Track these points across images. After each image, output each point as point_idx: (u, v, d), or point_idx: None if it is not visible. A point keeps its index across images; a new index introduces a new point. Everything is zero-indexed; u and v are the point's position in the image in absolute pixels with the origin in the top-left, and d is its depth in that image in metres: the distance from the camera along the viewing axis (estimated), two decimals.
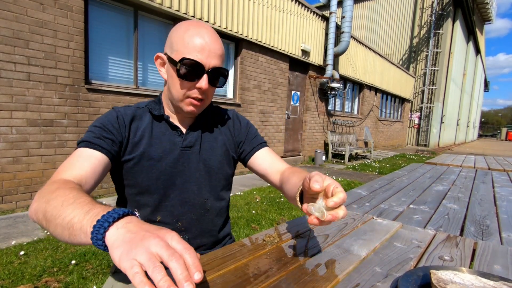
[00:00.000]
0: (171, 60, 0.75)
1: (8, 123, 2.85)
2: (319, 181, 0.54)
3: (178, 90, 0.77)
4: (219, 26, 4.75)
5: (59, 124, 3.18)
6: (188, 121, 0.87)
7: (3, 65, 2.78)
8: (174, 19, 4.25)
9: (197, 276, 0.39)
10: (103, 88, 3.49)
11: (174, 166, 0.82)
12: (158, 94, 4.08)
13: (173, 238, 0.42)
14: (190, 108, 0.79)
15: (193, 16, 4.31)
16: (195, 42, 0.73)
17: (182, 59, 0.72)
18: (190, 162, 0.85)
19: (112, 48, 3.69)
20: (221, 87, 0.82)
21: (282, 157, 6.59)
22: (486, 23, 25.29)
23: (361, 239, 0.79)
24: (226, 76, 0.80)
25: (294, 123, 7.02)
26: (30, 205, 0.58)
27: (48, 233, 2.47)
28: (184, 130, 0.86)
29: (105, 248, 0.42)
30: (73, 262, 1.99)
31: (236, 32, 5.05)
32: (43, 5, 2.97)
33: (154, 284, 0.36)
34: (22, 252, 2.09)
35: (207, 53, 0.74)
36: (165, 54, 0.79)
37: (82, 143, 0.72)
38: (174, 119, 0.86)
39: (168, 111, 0.86)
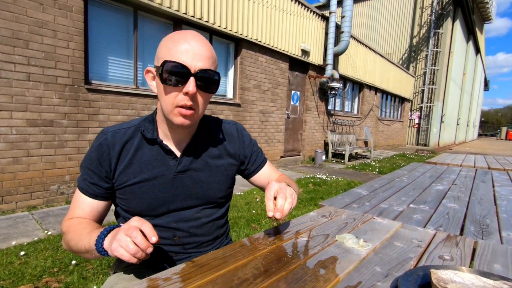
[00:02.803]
0: (156, 68, 0.72)
1: (8, 124, 2.85)
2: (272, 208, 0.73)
3: (165, 99, 0.72)
4: (219, 26, 4.75)
5: (59, 124, 3.18)
6: (184, 141, 0.82)
7: (2, 66, 2.78)
8: (174, 19, 4.25)
9: (154, 239, 0.58)
10: (103, 88, 3.49)
11: (167, 191, 0.80)
12: (157, 94, 4.08)
13: (133, 220, 0.61)
14: (180, 119, 0.72)
15: (192, 16, 4.30)
16: (179, 46, 0.69)
17: (164, 62, 0.68)
18: (185, 185, 0.82)
19: (111, 48, 3.69)
20: (213, 92, 0.76)
21: (282, 157, 6.59)
22: (486, 22, 25.28)
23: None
24: (217, 80, 0.74)
25: (294, 123, 7.02)
26: (62, 238, 0.79)
27: (48, 233, 2.47)
28: (178, 154, 0.81)
29: (107, 253, 0.63)
30: (74, 262, 2.00)
31: (236, 32, 5.05)
32: (42, 5, 2.97)
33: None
34: (22, 253, 2.09)
35: (192, 55, 0.69)
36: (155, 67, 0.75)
37: (79, 186, 0.80)
38: (169, 141, 0.81)
39: (162, 132, 0.80)
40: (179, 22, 4.32)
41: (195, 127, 0.83)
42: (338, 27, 7.53)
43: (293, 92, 6.81)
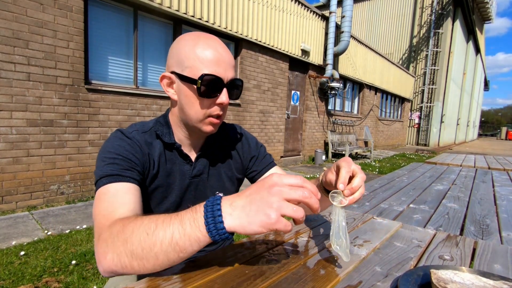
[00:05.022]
0: (185, 78, 0.69)
1: (8, 123, 2.85)
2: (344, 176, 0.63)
3: (197, 110, 0.71)
4: (219, 26, 4.75)
5: (59, 124, 3.18)
6: (198, 145, 0.83)
7: (3, 65, 2.78)
8: (174, 19, 4.25)
9: (319, 196, 0.49)
10: (103, 88, 3.49)
11: (182, 195, 0.82)
12: (157, 94, 4.10)
13: (280, 179, 0.47)
14: (210, 128, 0.74)
15: (192, 16, 4.30)
16: (210, 56, 0.68)
17: (203, 76, 0.67)
18: (197, 189, 0.84)
19: (112, 48, 3.69)
20: (237, 99, 0.78)
21: (282, 157, 6.59)
22: (486, 22, 25.28)
23: (361, 239, 0.79)
24: (241, 87, 0.77)
25: (294, 123, 7.02)
26: (99, 260, 0.52)
27: (48, 233, 2.47)
28: (193, 158, 0.82)
29: (229, 234, 0.46)
30: (74, 262, 2.00)
31: (236, 32, 5.05)
32: (42, 5, 2.97)
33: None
34: (22, 252, 2.09)
35: (224, 65, 0.69)
36: (173, 72, 0.71)
37: (109, 178, 0.63)
38: (184, 145, 0.81)
39: (178, 136, 0.80)
40: (179, 22, 4.32)
41: None
42: (338, 27, 7.53)
43: (293, 92, 6.81)
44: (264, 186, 0.46)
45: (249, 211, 0.45)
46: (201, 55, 0.68)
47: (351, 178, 0.65)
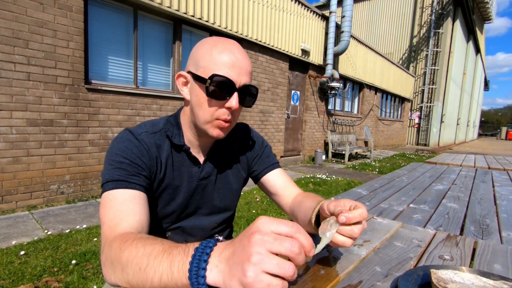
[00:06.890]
0: (198, 78, 0.69)
1: (8, 123, 2.85)
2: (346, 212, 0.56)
3: (205, 111, 0.70)
4: (219, 26, 4.75)
5: (59, 124, 3.18)
6: (206, 147, 0.82)
7: (2, 65, 2.78)
8: (174, 18, 4.25)
9: (312, 253, 0.41)
10: (103, 88, 3.49)
11: (190, 198, 0.82)
12: (157, 94, 4.10)
13: (267, 224, 0.39)
14: (217, 132, 0.72)
15: (192, 16, 4.30)
16: (225, 58, 0.67)
17: (213, 76, 0.66)
18: (205, 192, 0.84)
19: (112, 48, 3.69)
20: (250, 107, 0.76)
21: (282, 156, 6.59)
22: (486, 22, 25.27)
23: (361, 239, 0.79)
24: (255, 95, 0.74)
25: (294, 123, 7.02)
26: (106, 276, 0.54)
27: (48, 233, 2.47)
28: (201, 160, 0.81)
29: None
30: (74, 262, 2.00)
31: (236, 32, 5.05)
32: (42, 5, 2.97)
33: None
34: (22, 252, 2.09)
35: (238, 69, 0.68)
36: (189, 72, 0.72)
37: (116, 183, 0.65)
38: (193, 147, 0.80)
39: (188, 138, 0.79)
40: (179, 22, 4.32)
41: None
42: (338, 27, 7.53)
43: (293, 92, 6.81)
44: (248, 232, 0.40)
45: (232, 263, 0.39)
46: (216, 56, 0.68)
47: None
